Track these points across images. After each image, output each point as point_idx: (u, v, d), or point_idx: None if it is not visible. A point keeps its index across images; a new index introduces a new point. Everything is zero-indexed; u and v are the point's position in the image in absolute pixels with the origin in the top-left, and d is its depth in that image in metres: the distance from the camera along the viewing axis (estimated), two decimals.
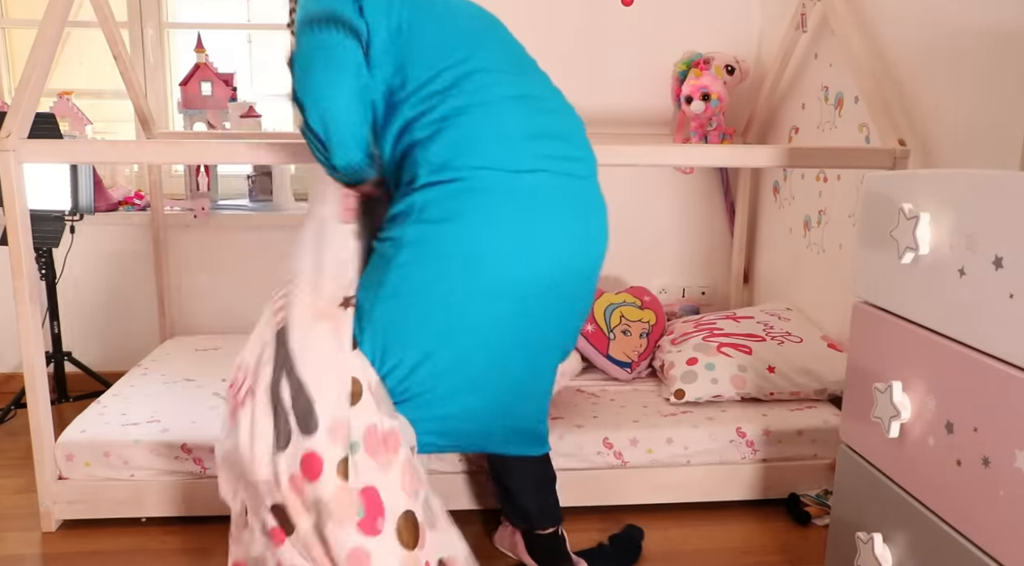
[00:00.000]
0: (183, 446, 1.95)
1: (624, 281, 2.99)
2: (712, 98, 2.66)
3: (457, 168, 1.44)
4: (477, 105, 1.46)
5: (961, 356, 1.19)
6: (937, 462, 1.23)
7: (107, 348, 2.93)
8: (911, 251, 1.28)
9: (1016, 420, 1.08)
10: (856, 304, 1.48)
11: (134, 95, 2.63)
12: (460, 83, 1.47)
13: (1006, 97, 1.70)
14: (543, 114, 1.53)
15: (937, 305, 1.24)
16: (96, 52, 2.92)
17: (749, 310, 2.60)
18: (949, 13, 1.89)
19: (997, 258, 1.11)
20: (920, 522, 1.27)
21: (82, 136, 2.81)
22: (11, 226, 1.79)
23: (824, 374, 2.25)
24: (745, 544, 1.94)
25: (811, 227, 2.58)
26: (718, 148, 2.29)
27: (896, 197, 1.34)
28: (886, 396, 1.33)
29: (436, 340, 1.49)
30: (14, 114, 1.80)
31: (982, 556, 1.14)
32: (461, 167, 1.44)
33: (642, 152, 2.01)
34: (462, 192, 1.44)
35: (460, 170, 1.44)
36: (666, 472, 2.05)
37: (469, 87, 1.47)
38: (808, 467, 2.09)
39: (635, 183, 2.97)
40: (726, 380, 2.22)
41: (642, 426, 2.09)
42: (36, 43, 1.88)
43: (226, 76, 2.88)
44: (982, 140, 1.78)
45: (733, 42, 2.85)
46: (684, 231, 3.07)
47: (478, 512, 2.01)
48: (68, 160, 2.28)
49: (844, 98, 2.37)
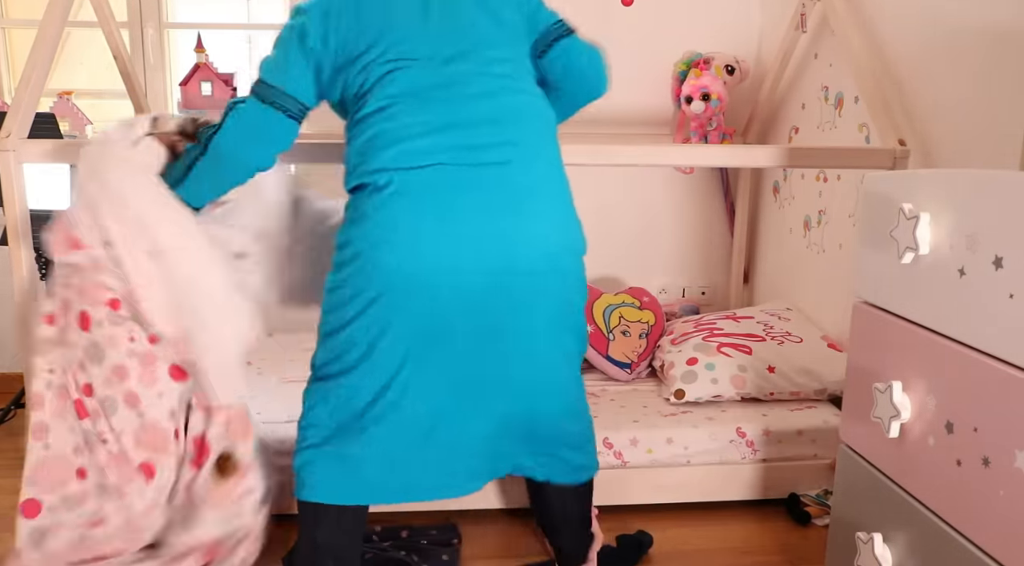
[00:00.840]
0: None
1: (623, 281, 2.99)
2: (712, 98, 2.66)
3: (360, 174, 1.48)
4: (384, 105, 1.48)
5: (961, 356, 1.19)
6: (937, 462, 1.23)
7: None
8: (911, 251, 1.28)
9: (1016, 420, 1.08)
10: (856, 304, 1.48)
11: (134, 95, 2.63)
12: (371, 80, 1.50)
13: (1006, 97, 1.70)
14: (457, 102, 1.48)
15: (937, 305, 1.24)
16: (96, 52, 2.92)
17: (749, 310, 2.60)
18: (949, 13, 1.89)
19: (997, 258, 1.11)
20: (920, 522, 1.27)
21: (82, 136, 2.81)
22: (11, 226, 1.79)
23: (824, 374, 2.25)
24: (745, 544, 1.94)
25: (811, 227, 2.58)
26: (718, 148, 2.30)
27: (896, 197, 1.34)
28: (886, 396, 1.33)
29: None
30: (14, 114, 1.80)
31: (982, 556, 1.14)
32: (363, 173, 1.47)
33: (642, 152, 2.01)
34: (363, 197, 1.47)
35: (363, 176, 1.47)
36: (666, 472, 2.05)
37: (378, 83, 1.49)
38: (808, 467, 2.09)
39: (635, 183, 2.97)
40: (726, 380, 2.22)
41: (642, 426, 2.09)
42: (36, 43, 1.88)
43: (226, 76, 2.88)
44: (982, 140, 1.78)
45: (733, 42, 2.85)
46: (684, 231, 3.07)
47: (503, 511, 2.01)
48: (68, 160, 2.27)
49: (844, 98, 2.37)
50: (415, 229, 1.42)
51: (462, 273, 1.43)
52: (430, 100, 1.48)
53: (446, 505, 1.96)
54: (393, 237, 1.42)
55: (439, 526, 1.94)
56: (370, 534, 1.89)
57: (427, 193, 1.43)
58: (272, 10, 3.04)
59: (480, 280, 1.44)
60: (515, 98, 1.54)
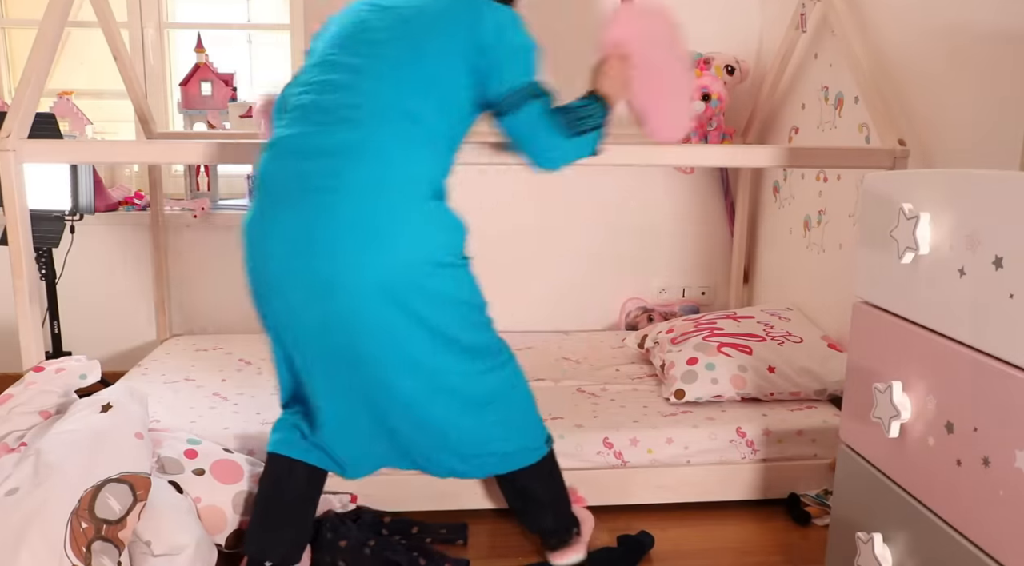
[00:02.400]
0: None
1: (623, 281, 3.01)
2: (712, 98, 2.66)
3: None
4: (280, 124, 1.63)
5: (961, 356, 1.19)
6: (937, 462, 1.23)
7: (107, 348, 2.93)
8: (911, 251, 1.28)
9: (1016, 420, 1.08)
10: (856, 304, 1.48)
11: (134, 95, 2.63)
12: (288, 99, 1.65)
13: (1006, 97, 1.70)
14: (317, 128, 1.56)
15: (937, 305, 1.24)
16: (96, 52, 2.92)
17: (749, 310, 2.60)
18: (949, 13, 1.89)
19: (997, 258, 1.11)
20: (920, 522, 1.27)
21: (82, 136, 2.81)
22: (11, 226, 1.79)
23: (824, 374, 2.25)
24: (745, 544, 1.94)
25: (811, 227, 2.58)
26: (718, 148, 2.30)
27: (896, 197, 1.34)
28: (886, 396, 1.33)
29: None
30: (14, 114, 1.80)
31: (982, 556, 1.14)
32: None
33: (642, 152, 2.01)
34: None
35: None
36: (666, 472, 2.05)
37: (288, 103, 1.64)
38: (808, 467, 2.09)
39: (635, 183, 2.97)
40: (726, 380, 2.22)
41: (642, 426, 2.09)
42: (36, 43, 1.88)
43: (226, 76, 2.88)
44: (982, 140, 1.78)
45: (733, 42, 2.85)
46: (684, 231, 3.07)
47: (491, 511, 2.01)
48: (68, 160, 2.28)
49: (844, 98, 2.37)
50: (260, 227, 1.57)
51: (283, 279, 1.55)
52: (293, 125, 1.60)
53: (447, 505, 1.97)
54: (246, 240, 1.61)
55: (449, 525, 1.93)
56: (379, 524, 1.89)
57: (268, 188, 1.57)
58: (272, 10, 3.04)
59: (294, 284, 1.55)
60: (363, 131, 1.54)
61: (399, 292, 1.50)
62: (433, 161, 1.58)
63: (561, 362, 2.61)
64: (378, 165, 1.50)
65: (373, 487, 1.92)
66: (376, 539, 1.81)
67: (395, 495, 1.96)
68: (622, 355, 2.68)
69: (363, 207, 1.49)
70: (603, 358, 2.66)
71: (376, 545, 1.79)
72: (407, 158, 1.53)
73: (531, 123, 1.59)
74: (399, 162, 1.51)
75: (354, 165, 1.50)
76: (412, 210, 1.52)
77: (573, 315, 3.06)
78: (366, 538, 1.80)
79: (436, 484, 1.90)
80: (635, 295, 3.08)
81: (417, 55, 1.55)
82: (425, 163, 1.56)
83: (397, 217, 1.50)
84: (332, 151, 1.51)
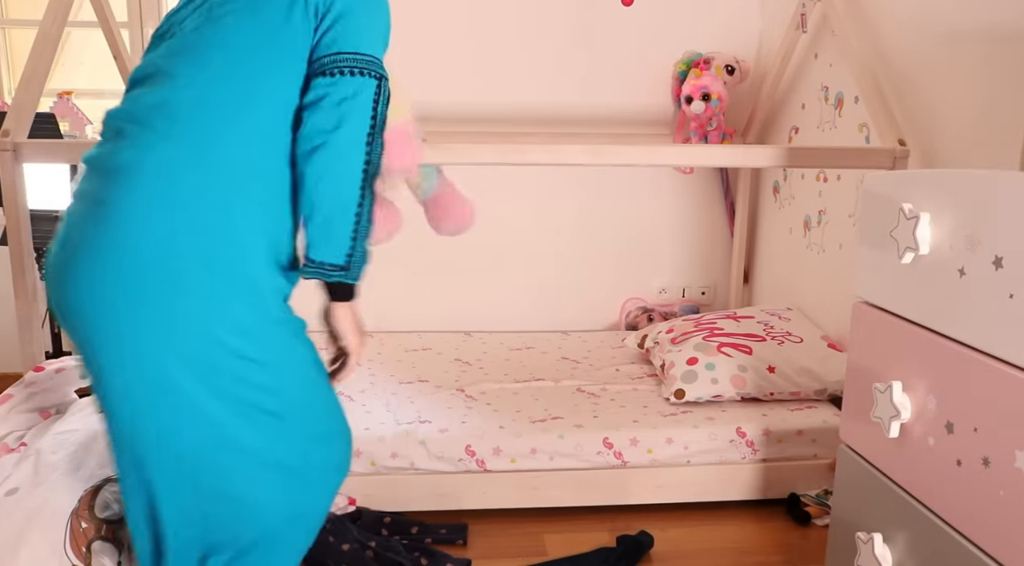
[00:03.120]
0: None
1: (623, 281, 3.00)
2: (712, 98, 2.66)
3: None
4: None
5: (961, 356, 1.19)
6: (937, 462, 1.23)
7: None
8: (911, 251, 1.28)
9: (1016, 420, 1.08)
10: (856, 304, 1.48)
11: None
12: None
13: (1006, 97, 1.70)
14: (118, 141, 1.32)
15: (937, 305, 1.24)
16: (96, 52, 2.92)
17: (749, 310, 2.60)
18: (949, 13, 1.89)
19: (997, 258, 1.11)
20: (920, 522, 1.27)
21: (82, 136, 2.81)
22: (11, 226, 1.80)
23: (824, 374, 2.25)
24: (745, 544, 1.95)
25: (811, 227, 2.58)
26: (718, 148, 2.30)
27: (896, 197, 1.34)
28: (886, 396, 1.33)
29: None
30: (14, 114, 1.80)
31: (982, 556, 1.14)
32: None
33: (642, 152, 2.01)
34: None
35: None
36: (666, 472, 2.05)
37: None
38: (808, 467, 2.09)
39: (635, 183, 2.97)
40: (726, 380, 2.22)
41: (642, 426, 2.09)
42: (36, 43, 1.88)
43: None
44: (982, 140, 1.78)
45: (733, 42, 2.85)
46: (684, 231, 3.07)
47: (491, 511, 2.01)
48: (68, 160, 2.28)
49: (844, 98, 2.37)
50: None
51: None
52: (107, 140, 1.39)
53: (447, 505, 1.97)
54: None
55: (449, 525, 1.93)
56: (380, 525, 1.89)
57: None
58: None
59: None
60: (153, 151, 1.30)
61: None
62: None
63: (561, 362, 2.61)
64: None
65: (373, 487, 1.93)
66: (377, 540, 1.81)
67: (395, 495, 1.96)
68: (622, 355, 2.68)
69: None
70: (603, 358, 2.66)
71: (378, 547, 1.79)
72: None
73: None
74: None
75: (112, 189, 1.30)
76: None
77: (573, 315, 3.06)
78: (367, 540, 1.80)
79: (436, 484, 1.90)
80: (635, 295, 3.08)
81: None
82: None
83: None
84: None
